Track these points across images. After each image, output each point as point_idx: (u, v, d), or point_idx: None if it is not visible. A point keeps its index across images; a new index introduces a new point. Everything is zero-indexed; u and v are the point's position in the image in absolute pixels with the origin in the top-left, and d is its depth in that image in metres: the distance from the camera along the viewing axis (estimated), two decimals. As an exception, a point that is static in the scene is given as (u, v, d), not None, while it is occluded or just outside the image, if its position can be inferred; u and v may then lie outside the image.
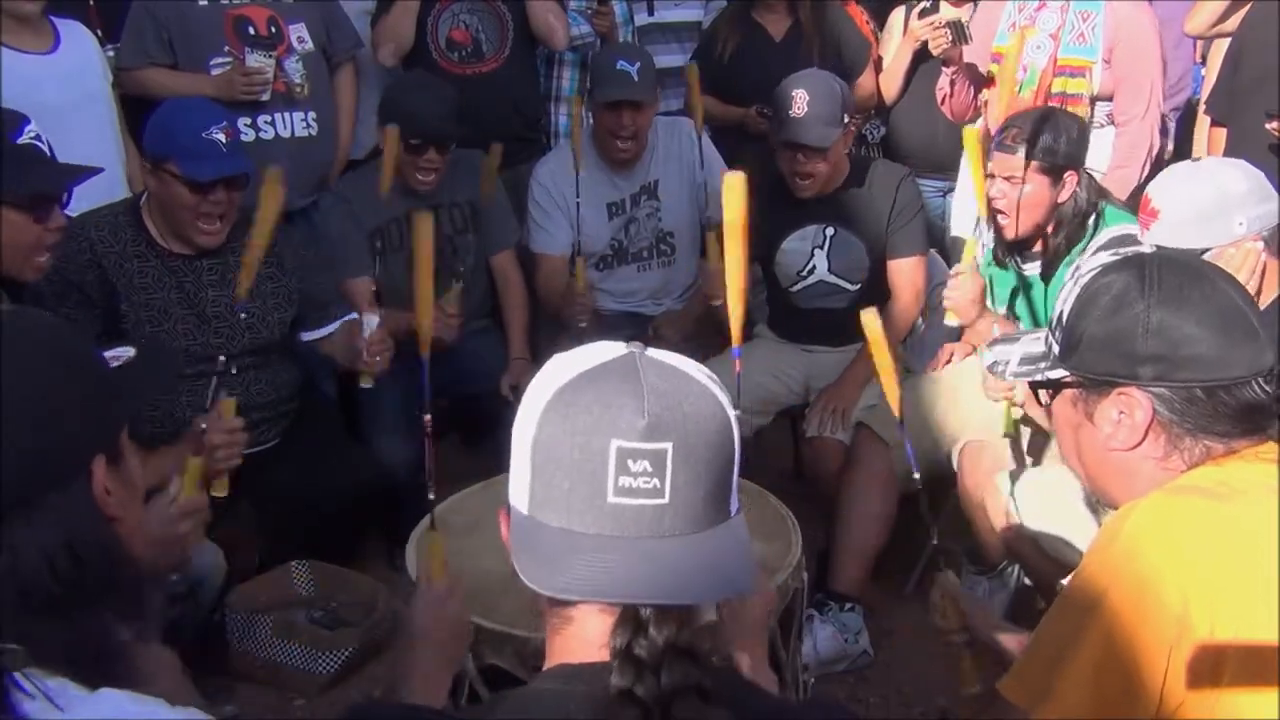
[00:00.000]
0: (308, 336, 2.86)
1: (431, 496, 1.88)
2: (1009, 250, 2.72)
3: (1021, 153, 2.55)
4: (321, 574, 2.88)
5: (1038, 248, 2.67)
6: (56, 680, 0.96)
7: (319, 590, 2.87)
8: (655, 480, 0.91)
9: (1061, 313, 1.38)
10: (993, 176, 2.62)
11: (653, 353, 0.98)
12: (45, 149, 2.14)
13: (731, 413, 0.96)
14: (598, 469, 0.91)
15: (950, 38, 3.33)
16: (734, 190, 1.89)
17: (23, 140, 2.11)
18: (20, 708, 0.93)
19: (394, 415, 3.10)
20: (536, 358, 3.24)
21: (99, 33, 3.27)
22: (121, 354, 1.17)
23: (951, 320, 2.67)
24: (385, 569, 3.00)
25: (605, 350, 0.98)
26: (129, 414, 1.13)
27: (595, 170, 3.32)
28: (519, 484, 0.97)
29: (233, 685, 2.65)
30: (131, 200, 2.69)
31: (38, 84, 2.96)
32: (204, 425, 2.12)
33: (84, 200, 2.75)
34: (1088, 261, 1.39)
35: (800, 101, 2.84)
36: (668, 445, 0.91)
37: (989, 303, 2.76)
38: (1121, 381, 1.30)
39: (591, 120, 3.34)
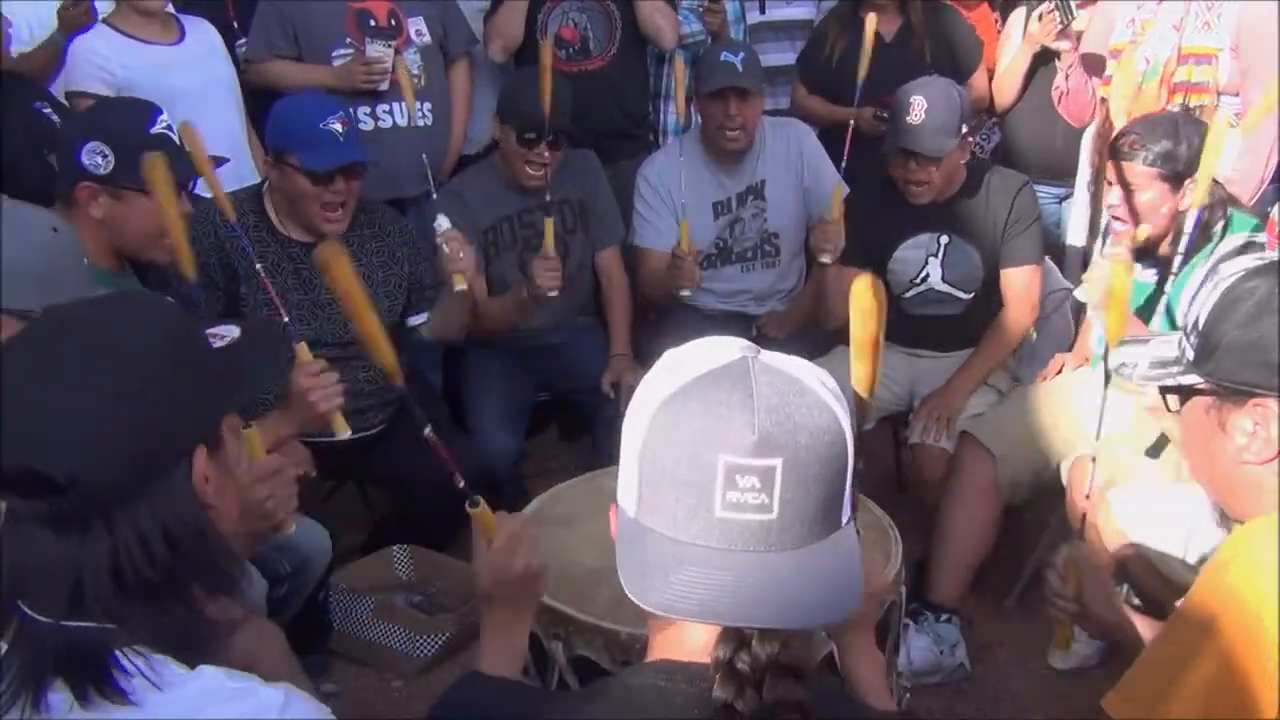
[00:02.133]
0: (412, 321, 2.91)
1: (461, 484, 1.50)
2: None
3: (1139, 159, 2.48)
4: (420, 559, 2.94)
5: (1159, 251, 2.57)
6: (158, 658, 0.99)
7: (417, 575, 2.93)
8: (763, 496, 0.89)
9: (1198, 316, 1.32)
10: (1110, 183, 2.54)
11: (767, 358, 0.95)
12: (175, 138, 2.24)
13: (847, 424, 0.94)
14: (705, 482, 0.90)
15: (1059, 20, 3.28)
16: (861, 296, 1.30)
17: (156, 130, 2.21)
18: (122, 685, 0.96)
19: (496, 406, 3.14)
20: (638, 355, 3.25)
21: (235, 25, 3.42)
22: (226, 333, 1.16)
23: (1085, 295, 2.59)
24: (482, 557, 3.05)
25: (719, 352, 0.95)
26: (235, 407, 1.13)
27: (701, 169, 3.32)
28: (628, 485, 0.96)
29: (333, 663, 2.71)
30: (254, 188, 2.78)
31: (168, 71, 3.13)
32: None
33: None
34: (1227, 265, 1.32)
35: (918, 108, 2.79)
36: (777, 461, 0.89)
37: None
38: (1259, 392, 1.25)
39: (699, 118, 3.34)
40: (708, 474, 0.89)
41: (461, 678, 1.27)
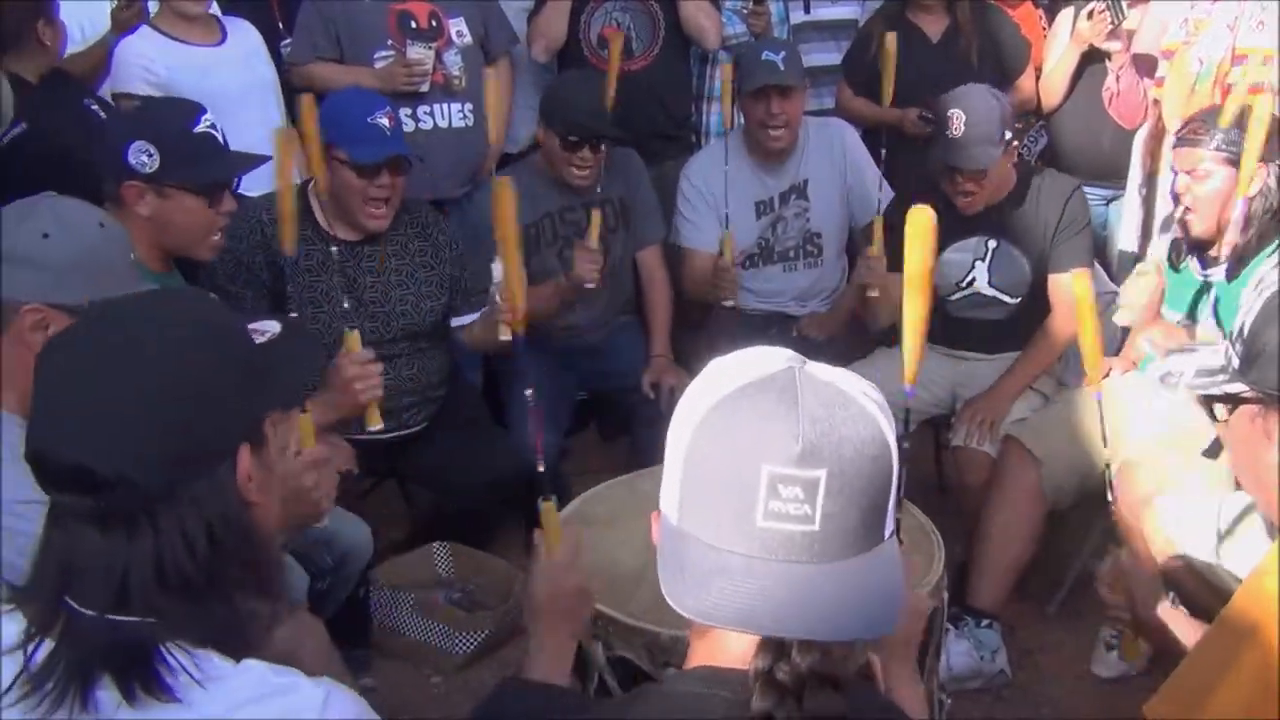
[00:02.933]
0: (455, 322, 2.93)
1: (541, 469, 1.65)
2: (1189, 251, 2.59)
3: (1205, 144, 2.45)
4: (460, 556, 2.96)
5: (1220, 250, 2.53)
6: (201, 653, 0.99)
7: (457, 572, 2.95)
8: (806, 507, 0.89)
9: (1243, 324, 1.31)
10: (1176, 171, 2.51)
11: (813, 369, 0.95)
12: (219, 137, 2.26)
13: (892, 437, 0.93)
14: (748, 491, 0.90)
15: (1110, 19, 3.26)
16: (919, 228, 1.54)
17: (200, 129, 2.23)
18: (168, 682, 0.97)
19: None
20: (678, 356, 3.25)
21: (281, 25, 3.46)
22: (267, 328, 1.17)
23: (1122, 319, 2.56)
24: (522, 554, 3.06)
25: (765, 362, 0.95)
26: (277, 404, 1.14)
27: (744, 169, 3.31)
28: (670, 491, 0.96)
29: (372, 658, 2.73)
30: (299, 186, 2.80)
31: (209, 72, 3.18)
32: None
33: (255, 180, 2.90)
34: (1275, 272, 1.31)
35: (958, 122, 2.77)
36: (820, 473, 0.89)
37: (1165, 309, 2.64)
38: None
39: (742, 118, 3.33)
40: (751, 483, 0.89)
41: (502, 682, 1.27)
